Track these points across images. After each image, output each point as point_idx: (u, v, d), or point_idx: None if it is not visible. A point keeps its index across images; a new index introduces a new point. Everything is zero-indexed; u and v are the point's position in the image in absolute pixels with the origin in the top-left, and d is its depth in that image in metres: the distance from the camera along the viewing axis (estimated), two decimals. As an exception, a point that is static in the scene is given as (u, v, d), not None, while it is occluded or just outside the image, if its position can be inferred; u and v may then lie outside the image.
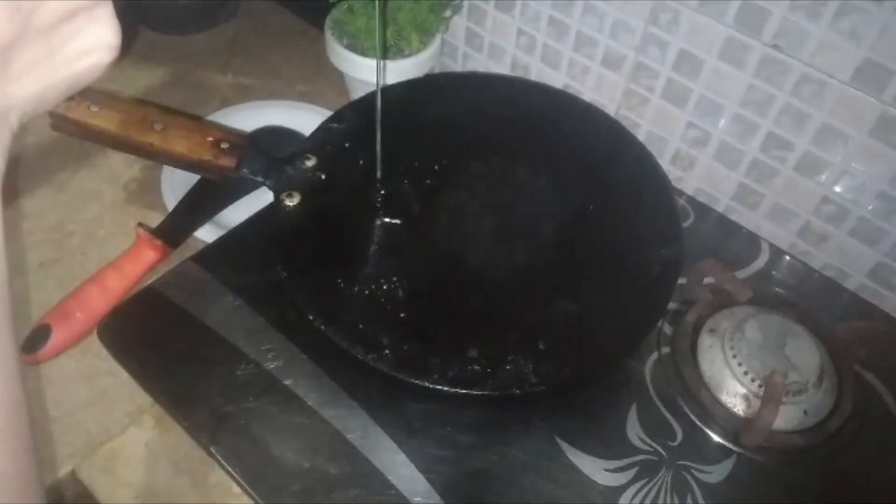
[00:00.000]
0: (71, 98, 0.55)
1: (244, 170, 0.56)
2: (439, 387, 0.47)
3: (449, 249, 0.56)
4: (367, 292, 0.51)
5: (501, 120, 0.64)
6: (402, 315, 0.51)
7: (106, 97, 0.57)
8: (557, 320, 0.52)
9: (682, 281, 0.57)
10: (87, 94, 0.56)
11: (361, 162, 0.58)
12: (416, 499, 0.47)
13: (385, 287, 0.52)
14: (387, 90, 0.65)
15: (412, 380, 0.47)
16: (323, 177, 0.57)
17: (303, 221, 0.54)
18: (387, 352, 0.48)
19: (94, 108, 0.55)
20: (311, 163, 0.57)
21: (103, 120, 0.55)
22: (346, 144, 0.59)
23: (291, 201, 0.55)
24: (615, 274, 0.55)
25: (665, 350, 0.55)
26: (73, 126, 0.56)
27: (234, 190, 0.65)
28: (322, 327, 0.49)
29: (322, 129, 0.61)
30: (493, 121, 0.64)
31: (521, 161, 0.62)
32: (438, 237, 0.56)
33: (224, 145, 0.56)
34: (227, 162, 0.55)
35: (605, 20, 0.63)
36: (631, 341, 0.53)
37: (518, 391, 0.48)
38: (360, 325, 0.49)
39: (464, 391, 0.47)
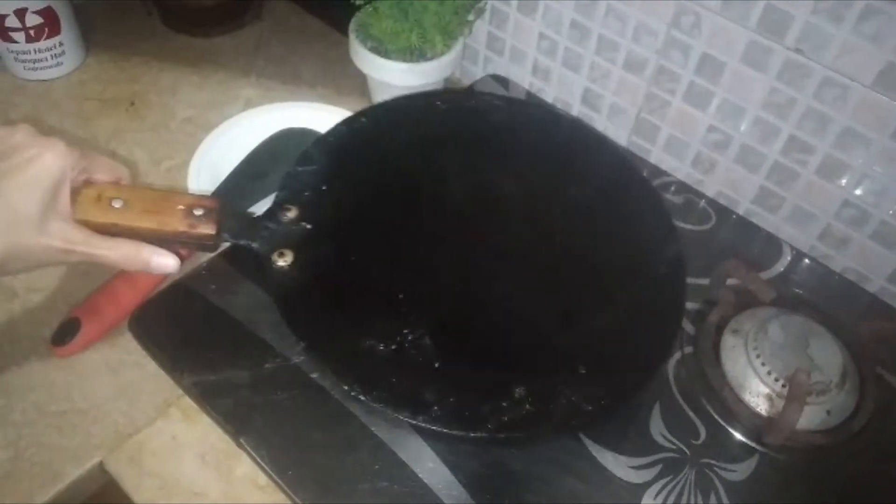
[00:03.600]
0: None
1: (225, 234, 0.49)
2: (501, 434, 0.45)
3: (462, 287, 0.53)
4: (393, 347, 0.48)
5: (483, 140, 0.62)
6: (436, 365, 0.48)
7: None
8: (588, 341, 0.50)
9: (705, 281, 0.58)
10: None
11: (345, 204, 0.54)
12: (442, 491, 0.47)
13: (410, 338, 0.49)
14: (385, 110, 0.63)
15: (471, 434, 0.45)
16: (309, 227, 0.52)
17: (303, 281, 0.50)
18: (435, 408, 0.45)
19: None
20: (292, 214, 0.52)
21: None
22: (323, 187, 0.55)
23: (284, 261, 0.50)
24: (627, 284, 0.54)
25: (688, 350, 0.56)
26: None
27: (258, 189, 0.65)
28: (362, 397, 0.46)
29: (292, 176, 0.55)
30: (473, 143, 0.61)
31: (521, 183, 0.59)
32: (451, 276, 0.54)
33: (197, 211, 0.48)
34: (207, 229, 0.48)
35: (628, 24, 0.64)
36: (664, 344, 0.51)
37: (575, 423, 0.47)
38: (399, 385, 0.46)
39: (525, 433, 0.46)
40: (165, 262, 0.48)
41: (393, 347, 0.48)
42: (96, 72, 0.80)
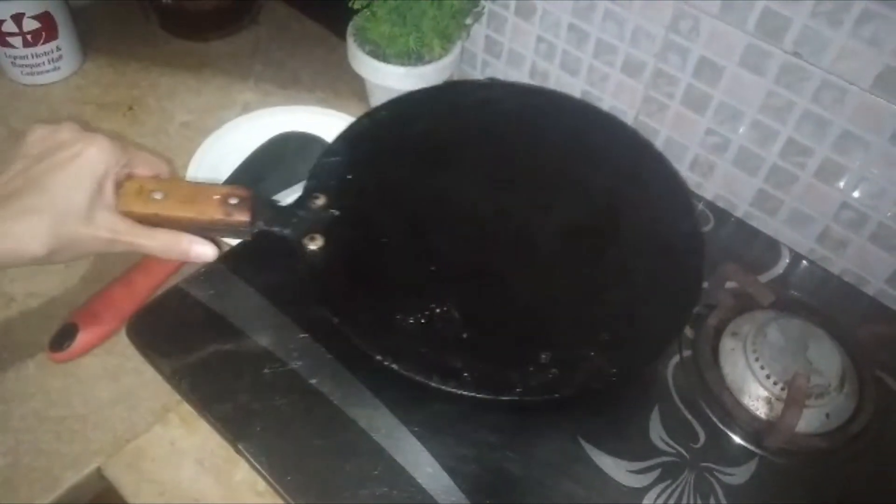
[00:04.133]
0: None
1: (259, 221, 0.52)
2: (528, 398, 0.47)
3: (486, 263, 0.55)
4: (422, 320, 0.50)
5: (502, 127, 0.64)
6: (464, 336, 0.50)
7: None
8: (610, 310, 0.52)
9: (703, 284, 0.58)
10: None
11: (370, 191, 0.57)
12: (441, 496, 0.47)
13: (438, 311, 0.51)
14: (404, 102, 0.65)
15: (500, 397, 0.47)
16: (337, 213, 0.54)
17: (333, 262, 0.52)
18: (465, 374, 0.47)
19: None
20: (320, 202, 0.54)
21: None
22: (349, 176, 0.57)
23: (315, 244, 0.52)
24: (647, 256, 0.56)
25: (687, 353, 0.56)
26: None
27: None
28: (393, 365, 0.47)
29: (319, 166, 0.58)
30: (488, 129, 0.64)
31: (537, 165, 0.62)
32: (474, 253, 0.56)
33: (233, 200, 0.51)
34: (242, 216, 0.51)
35: (626, 27, 0.64)
36: (685, 310, 0.53)
37: (600, 385, 0.48)
38: (429, 355, 0.48)
39: (554, 396, 0.48)
40: (203, 249, 0.51)
41: (422, 321, 0.50)
42: (94, 76, 0.80)
